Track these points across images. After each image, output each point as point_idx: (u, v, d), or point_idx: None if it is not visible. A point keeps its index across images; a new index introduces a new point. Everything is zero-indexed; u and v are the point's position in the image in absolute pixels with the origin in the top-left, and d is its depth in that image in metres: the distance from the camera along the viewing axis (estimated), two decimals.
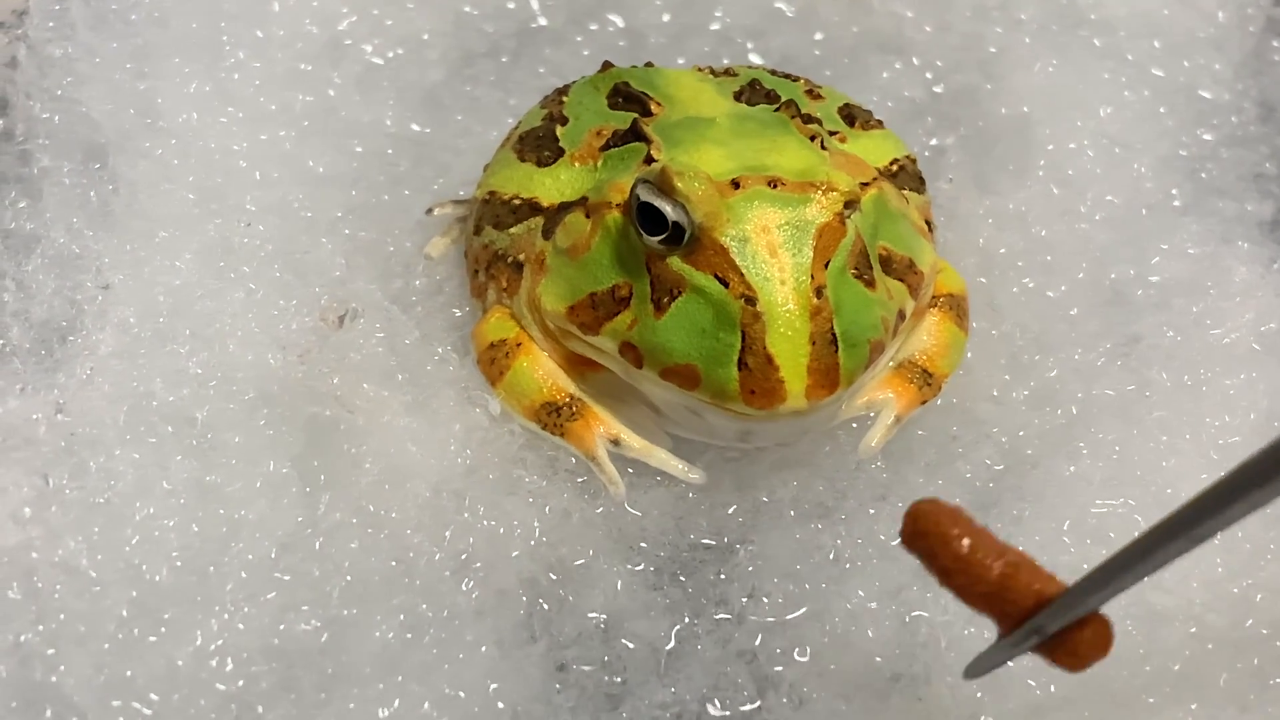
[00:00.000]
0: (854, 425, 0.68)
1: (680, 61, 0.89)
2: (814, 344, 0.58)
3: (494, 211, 0.71)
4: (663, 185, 0.60)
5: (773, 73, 0.78)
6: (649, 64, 0.78)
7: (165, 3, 0.82)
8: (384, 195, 0.80)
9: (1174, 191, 0.81)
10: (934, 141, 0.85)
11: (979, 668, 0.55)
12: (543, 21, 0.91)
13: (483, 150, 0.80)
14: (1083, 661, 0.51)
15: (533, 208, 0.69)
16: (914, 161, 0.75)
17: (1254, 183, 0.83)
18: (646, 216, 0.60)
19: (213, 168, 0.77)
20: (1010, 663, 0.54)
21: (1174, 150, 0.83)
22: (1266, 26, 0.90)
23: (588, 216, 0.65)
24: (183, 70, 0.80)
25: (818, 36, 0.91)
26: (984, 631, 0.63)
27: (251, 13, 0.84)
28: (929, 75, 0.89)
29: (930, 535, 0.51)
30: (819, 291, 0.59)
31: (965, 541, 0.51)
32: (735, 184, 0.60)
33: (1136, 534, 0.48)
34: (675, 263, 0.60)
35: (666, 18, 0.91)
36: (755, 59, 0.90)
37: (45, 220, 0.73)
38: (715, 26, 0.92)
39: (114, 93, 0.78)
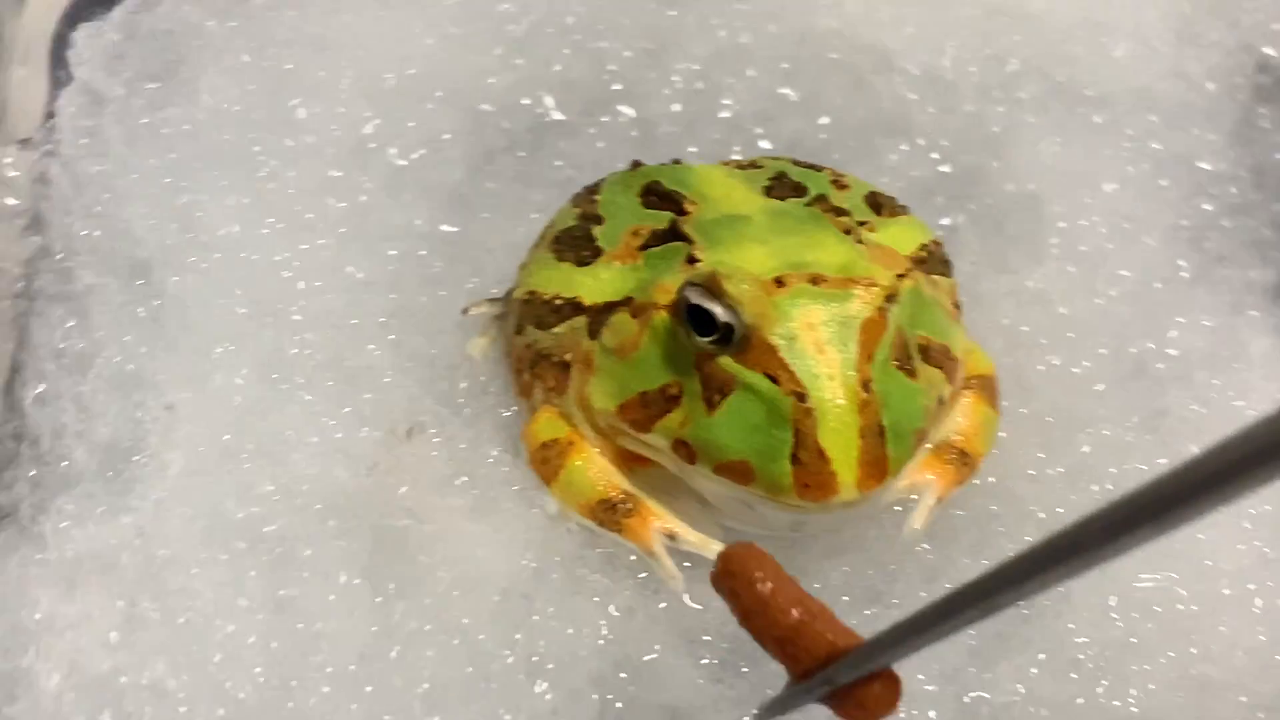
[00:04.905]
0: (897, 509, 0.69)
1: (692, 149, 0.91)
2: (864, 437, 0.59)
3: (535, 312, 0.72)
4: (712, 288, 0.61)
5: (796, 163, 0.80)
6: (676, 161, 0.80)
7: (196, 115, 0.83)
8: (421, 297, 0.81)
9: (1181, 263, 0.83)
10: (946, 220, 0.87)
11: (770, 711, 0.55)
12: (557, 115, 0.93)
13: (511, 246, 0.81)
14: (870, 715, 0.50)
15: (575, 307, 0.70)
16: (940, 245, 0.77)
17: (1255, 249, 0.85)
18: (696, 318, 0.61)
19: (257, 280, 0.78)
20: None
21: (1177, 221, 0.86)
22: (1253, 94, 0.93)
23: (634, 316, 0.66)
24: (220, 183, 0.81)
25: (823, 120, 0.93)
26: (1042, 710, 0.65)
27: (278, 121, 0.85)
28: (935, 155, 0.90)
29: (736, 576, 0.52)
30: (866, 385, 0.60)
31: (768, 585, 0.51)
32: (779, 282, 0.61)
33: (962, 592, 0.45)
34: (726, 362, 0.61)
35: (677, 107, 0.93)
36: (765, 145, 0.92)
37: (96, 339, 0.74)
38: (725, 115, 0.93)
39: (154, 208, 0.79)
